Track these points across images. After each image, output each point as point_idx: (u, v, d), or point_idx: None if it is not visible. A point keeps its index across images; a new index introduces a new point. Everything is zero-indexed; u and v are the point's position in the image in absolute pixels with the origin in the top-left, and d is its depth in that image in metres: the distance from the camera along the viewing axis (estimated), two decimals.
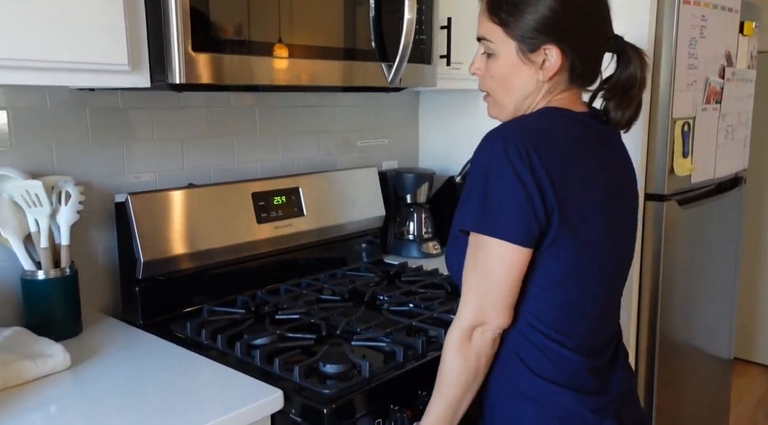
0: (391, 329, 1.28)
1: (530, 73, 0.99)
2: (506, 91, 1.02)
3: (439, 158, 2.15)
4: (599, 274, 1.00)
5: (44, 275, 1.23)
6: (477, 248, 0.93)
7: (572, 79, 1.00)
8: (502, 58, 1.00)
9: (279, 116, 1.75)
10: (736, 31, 2.00)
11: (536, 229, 0.91)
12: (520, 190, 0.89)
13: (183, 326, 1.31)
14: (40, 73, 1.00)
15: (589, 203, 0.95)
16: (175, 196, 1.41)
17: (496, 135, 0.93)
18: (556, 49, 0.96)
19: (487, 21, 1.01)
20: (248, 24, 1.19)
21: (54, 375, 1.10)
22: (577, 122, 1.00)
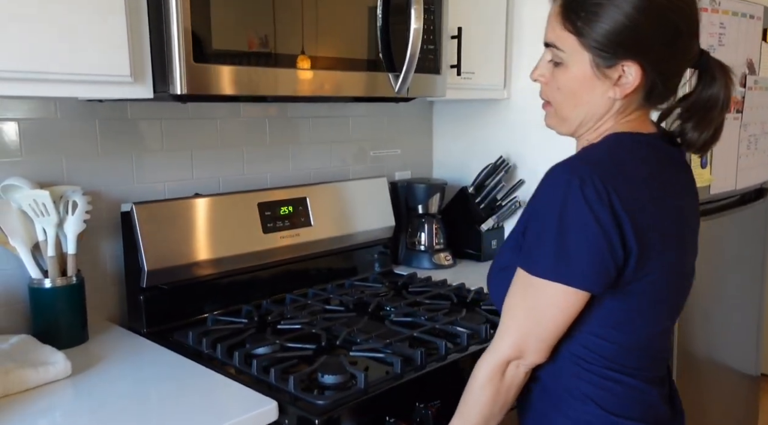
0: (392, 340, 1.26)
1: (603, 90, 0.91)
2: (573, 106, 0.94)
3: (453, 169, 2.13)
4: (669, 308, 0.96)
5: (51, 284, 1.25)
6: (530, 287, 0.89)
7: (647, 98, 0.92)
8: (572, 70, 0.92)
9: (290, 126, 1.76)
10: (758, 38, 1.94)
11: (613, 274, 0.86)
12: (601, 235, 0.83)
13: (186, 335, 1.31)
14: (44, 85, 1.02)
15: (666, 237, 0.90)
16: (180, 205, 1.42)
17: (569, 171, 0.86)
18: (636, 66, 0.87)
19: (560, 27, 0.91)
20: (250, 36, 1.19)
21: (55, 382, 1.11)
22: (648, 146, 0.93)
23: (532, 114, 1.92)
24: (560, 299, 0.87)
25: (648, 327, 0.93)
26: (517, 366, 0.92)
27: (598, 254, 0.84)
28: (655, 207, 0.88)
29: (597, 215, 0.83)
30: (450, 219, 2.02)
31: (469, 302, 1.55)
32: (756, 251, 2.20)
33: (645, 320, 0.92)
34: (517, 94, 1.95)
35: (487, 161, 2.00)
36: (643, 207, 0.86)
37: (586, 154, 0.92)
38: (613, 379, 0.92)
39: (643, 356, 0.94)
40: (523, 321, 0.90)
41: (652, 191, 0.89)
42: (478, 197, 1.99)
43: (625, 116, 0.93)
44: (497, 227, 2.01)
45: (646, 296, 0.90)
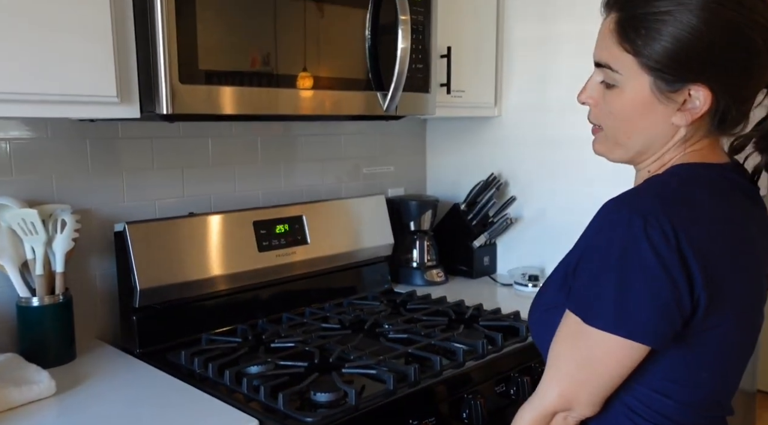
0: (385, 356, 1.26)
1: (665, 115, 0.80)
2: (628, 132, 0.84)
3: (447, 186, 2.14)
4: (737, 361, 0.86)
5: (39, 302, 1.25)
6: (582, 334, 0.79)
7: (718, 125, 0.81)
8: (628, 94, 0.81)
9: (282, 144, 1.77)
10: None
11: (678, 327, 0.76)
12: (667, 284, 0.73)
13: (178, 355, 1.31)
14: (31, 106, 1.04)
15: (740, 285, 0.80)
16: (174, 224, 1.42)
17: (630, 208, 0.76)
18: (706, 90, 0.77)
19: (615, 46, 0.81)
20: (236, 56, 1.21)
21: (40, 401, 1.11)
22: (721, 178, 0.83)
23: (523, 131, 1.93)
24: (618, 352, 0.77)
25: (712, 383, 0.83)
26: (564, 418, 0.83)
27: (663, 305, 0.74)
28: (729, 250, 0.78)
29: (663, 260, 0.73)
30: (442, 236, 2.02)
31: (468, 319, 1.54)
32: None
33: (710, 375, 0.82)
34: (507, 111, 1.97)
35: (479, 177, 2.01)
36: (716, 250, 0.76)
37: (650, 187, 0.81)
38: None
39: (705, 415, 0.84)
40: (574, 371, 0.81)
41: (726, 231, 0.79)
42: (470, 213, 1.99)
43: (692, 144, 0.83)
44: (489, 243, 2.01)
45: (713, 349, 0.80)
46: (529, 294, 1.80)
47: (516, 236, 2.00)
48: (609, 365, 0.78)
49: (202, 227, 1.46)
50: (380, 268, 1.86)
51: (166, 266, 1.39)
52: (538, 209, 1.93)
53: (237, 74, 1.20)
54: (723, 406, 0.87)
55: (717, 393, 0.85)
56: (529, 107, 1.92)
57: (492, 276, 2.02)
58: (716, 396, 0.85)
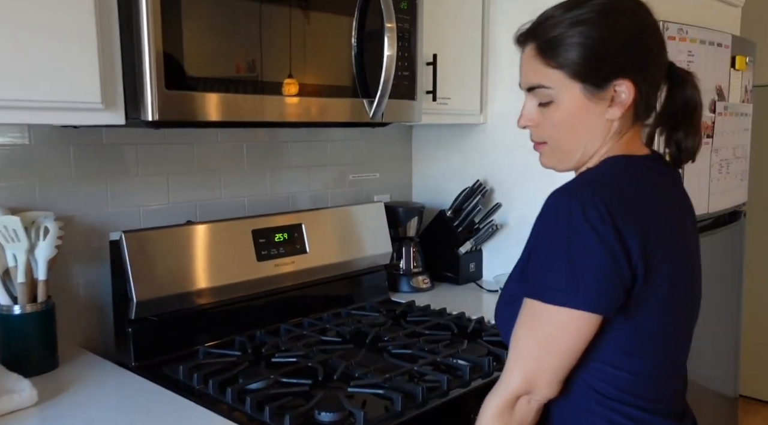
0: (391, 374, 1.23)
1: (599, 114, 0.91)
2: (572, 138, 0.94)
3: (433, 192, 2.15)
4: (682, 330, 0.94)
5: (20, 310, 1.24)
6: (538, 314, 0.87)
7: (638, 114, 0.93)
8: (565, 103, 0.92)
9: (268, 151, 1.77)
10: (727, 65, 1.99)
11: (622, 296, 0.85)
12: (607, 256, 0.82)
13: (176, 369, 1.28)
14: (13, 112, 1.03)
15: (671, 257, 0.89)
16: (171, 233, 1.39)
17: (569, 196, 0.86)
18: (627, 82, 0.89)
19: (542, 66, 0.92)
20: (225, 63, 1.21)
21: (21, 411, 1.09)
22: (646, 167, 0.94)
23: (508, 138, 1.95)
24: (571, 325, 0.85)
25: (661, 353, 0.91)
26: (528, 402, 0.89)
27: (606, 275, 0.83)
28: (657, 227, 0.88)
29: (602, 237, 0.82)
30: (428, 242, 2.03)
31: (471, 333, 1.52)
32: (731, 274, 2.22)
33: (657, 345, 0.90)
34: (493, 118, 1.98)
35: (465, 184, 2.02)
36: (646, 227, 0.86)
37: (585, 177, 0.92)
38: (628, 415, 0.89)
39: (657, 386, 0.91)
40: (535, 351, 0.87)
41: (654, 211, 0.89)
42: (456, 220, 2.00)
43: (620, 138, 0.93)
44: (475, 250, 2.02)
45: (654, 321, 0.89)
46: None
47: (501, 243, 2.01)
48: (565, 340, 0.86)
49: (200, 235, 1.44)
50: (378, 277, 1.85)
51: (163, 277, 1.35)
52: (524, 216, 1.94)
53: (223, 81, 1.20)
54: (673, 378, 0.95)
55: (664, 365, 0.93)
56: (514, 114, 1.90)
57: (478, 282, 2.02)
58: (664, 367, 0.93)
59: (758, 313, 3.18)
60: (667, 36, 1.69)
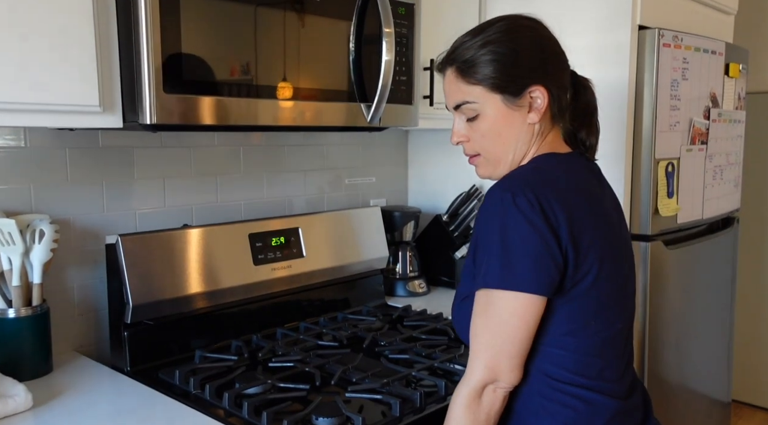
0: (389, 379, 1.23)
1: (521, 119, 1.00)
2: (501, 145, 1.02)
3: (428, 197, 2.15)
4: (620, 309, 1.00)
5: (15, 314, 1.23)
6: (488, 303, 0.93)
7: (555, 115, 1.03)
8: (489, 114, 1.01)
9: (264, 154, 1.77)
10: (721, 73, 2.01)
11: (556, 276, 0.91)
12: (537, 239, 0.90)
13: (172, 373, 1.27)
14: (11, 115, 1.02)
15: (600, 241, 0.96)
16: (168, 237, 1.39)
17: (501, 189, 0.94)
18: (540, 88, 0.99)
19: (463, 85, 1.01)
20: (225, 67, 1.21)
21: (16, 415, 1.08)
22: (570, 162, 1.03)
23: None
24: (517, 307, 0.91)
25: (601, 330, 0.97)
26: (494, 390, 0.93)
27: (539, 257, 0.90)
28: (584, 213, 0.95)
29: (531, 221, 0.90)
30: (424, 247, 2.03)
31: None
32: (724, 280, 2.24)
33: (597, 322, 0.96)
34: None
35: (461, 189, 2.02)
36: (574, 213, 0.93)
37: (516, 172, 1.01)
38: (576, 395, 0.95)
39: (601, 363, 0.97)
40: (490, 339, 0.93)
41: (581, 199, 0.97)
42: (452, 224, 2.00)
43: (544, 138, 1.03)
44: None
45: (593, 299, 0.95)
46: None
47: None
48: (516, 324, 0.91)
49: (197, 239, 1.43)
50: (375, 281, 1.85)
51: (159, 281, 1.34)
52: None
53: (221, 84, 1.20)
54: (616, 354, 1.00)
55: (606, 342, 0.98)
56: None
57: None
58: (607, 344, 0.98)
59: (751, 319, 3.20)
60: (663, 43, 1.70)
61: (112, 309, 1.38)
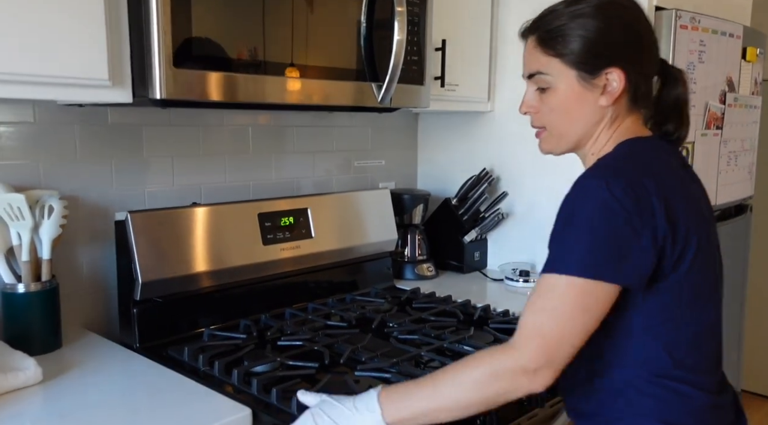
0: (398, 359, 1.22)
1: (593, 99, 0.98)
2: (568, 122, 1.01)
3: (437, 180, 2.14)
4: (715, 297, 0.98)
5: (24, 289, 1.23)
6: (556, 287, 0.88)
7: (633, 101, 0.99)
8: (561, 89, 0.99)
9: (273, 135, 1.76)
10: (738, 56, 1.97)
11: (647, 265, 0.88)
12: (629, 228, 0.86)
13: (180, 350, 1.27)
14: (20, 87, 1.01)
15: (695, 224, 0.93)
16: (177, 215, 1.38)
17: (592, 177, 0.90)
18: (618, 71, 0.96)
19: (542, 55, 0.99)
20: (235, 43, 1.19)
21: (25, 389, 1.09)
22: (656, 146, 1.00)
23: (515, 127, 1.93)
24: (594, 297, 0.87)
25: (696, 320, 0.94)
26: (530, 382, 0.88)
27: (628, 246, 0.86)
28: (680, 198, 0.92)
29: (625, 209, 0.86)
30: (433, 230, 2.02)
31: (477, 320, 1.51)
32: (736, 267, 2.21)
33: (693, 311, 0.93)
34: (501, 107, 1.97)
35: (471, 172, 2.00)
36: (670, 198, 0.90)
37: (605, 162, 0.96)
38: (673, 389, 0.92)
39: (695, 354, 0.94)
40: (549, 323, 0.87)
41: (676, 183, 0.93)
42: (462, 208, 1.99)
43: (620, 123, 1.00)
44: (480, 238, 2.01)
45: (689, 287, 0.92)
46: (519, 290, 1.80)
47: (507, 232, 2.00)
48: (591, 308, 0.87)
49: (206, 218, 1.42)
50: (383, 263, 1.84)
51: (168, 258, 1.34)
52: (530, 205, 1.93)
53: (231, 60, 1.19)
54: (710, 349, 0.98)
55: (702, 332, 0.96)
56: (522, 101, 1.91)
57: (482, 271, 2.01)
58: (701, 336, 0.95)
59: (762, 308, 3.17)
60: (680, 25, 1.67)
61: (121, 286, 1.38)
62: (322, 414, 0.95)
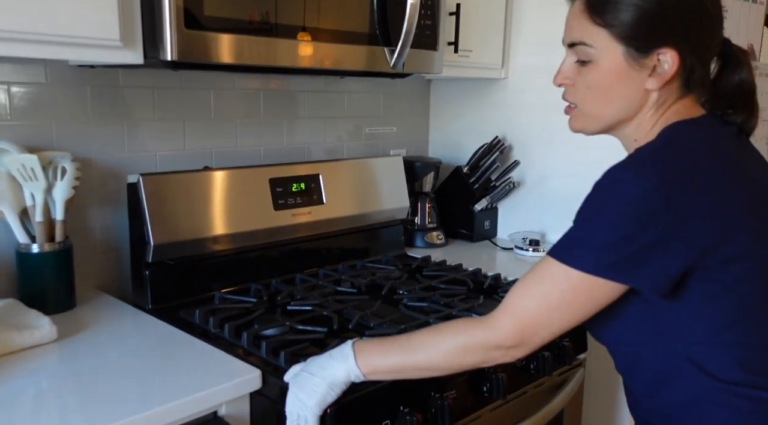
0: (406, 325, 1.23)
1: (639, 81, 0.87)
2: (606, 102, 0.91)
3: (449, 148, 2.12)
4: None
5: (38, 249, 1.25)
6: (554, 276, 0.84)
7: (686, 86, 0.88)
8: (604, 65, 0.88)
9: (285, 100, 1.75)
10: (761, 23, 1.93)
11: (670, 275, 0.81)
12: (660, 233, 0.78)
13: (192, 312, 1.28)
14: (30, 46, 1.00)
15: (752, 215, 0.84)
16: (189, 178, 1.38)
17: (622, 169, 0.82)
18: (673, 52, 0.85)
19: (588, 23, 0.88)
20: (244, 4, 1.18)
21: (40, 346, 1.11)
22: (707, 127, 0.89)
23: (529, 95, 1.91)
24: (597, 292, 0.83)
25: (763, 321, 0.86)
26: (503, 356, 0.89)
27: (653, 252, 0.79)
28: (730, 193, 0.83)
29: (655, 212, 0.78)
30: (443, 198, 2.01)
31: (487, 289, 1.51)
32: None
33: (764, 313, 0.85)
34: (515, 74, 1.94)
35: (483, 141, 1.99)
36: (716, 193, 0.81)
37: (643, 151, 0.87)
38: (747, 396, 0.84)
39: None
40: (540, 309, 0.85)
41: (727, 176, 0.84)
42: (473, 177, 1.98)
43: (668, 107, 0.90)
44: (490, 207, 2.01)
45: (752, 284, 0.83)
46: (529, 259, 1.80)
47: (517, 201, 1.99)
48: (583, 304, 0.84)
49: (218, 182, 1.42)
50: (395, 231, 1.84)
51: (180, 221, 1.35)
52: (541, 175, 1.92)
53: (242, 22, 1.17)
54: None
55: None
56: (536, 70, 1.89)
57: (492, 240, 2.01)
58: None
59: None
60: None
61: (133, 248, 1.39)
62: (302, 372, 0.98)
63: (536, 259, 1.75)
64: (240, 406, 1.04)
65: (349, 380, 0.95)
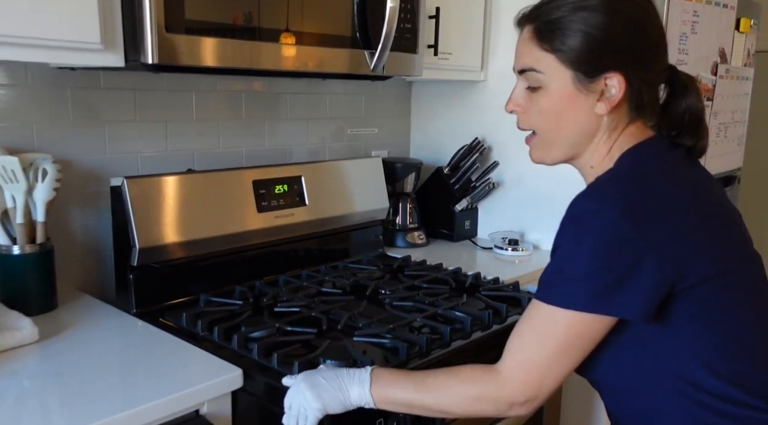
0: (394, 325, 1.24)
1: (588, 106, 0.89)
2: (558, 128, 0.92)
3: (430, 149, 2.15)
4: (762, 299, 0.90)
5: (19, 251, 1.25)
6: (544, 319, 0.85)
7: (636, 110, 0.91)
8: (554, 90, 0.90)
9: (267, 101, 1.76)
10: (731, 27, 1.98)
11: (653, 298, 0.81)
12: (623, 257, 0.79)
13: (178, 315, 1.28)
14: (10, 49, 1.01)
15: (716, 238, 0.86)
16: (173, 181, 1.38)
17: (587, 199, 0.84)
18: (619, 76, 0.87)
19: (537, 49, 0.90)
20: (229, 8, 1.19)
21: (22, 347, 1.11)
22: (660, 150, 0.91)
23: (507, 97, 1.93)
24: (587, 328, 0.83)
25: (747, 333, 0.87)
26: (516, 410, 0.88)
27: (644, 282, 0.80)
28: (690, 207, 0.85)
29: (626, 238, 0.79)
30: (425, 199, 2.04)
31: (468, 287, 1.53)
32: None
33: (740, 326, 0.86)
34: (494, 76, 1.97)
35: (463, 142, 2.02)
36: (679, 212, 0.83)
37: (603, 179, 0.89)
38: (730, 415, 0.84)
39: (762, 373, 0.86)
40: (542, 357, 0.85)
41: (684, 191, 0.86)
42: (453, 177, 2.01)
43: (621, 131, 0.92)
44: (471, 207, 2.04)
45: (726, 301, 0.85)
46: (508, 258, 1.83)
47: (497, 201, 2.02)
48: (578, 344, 0.84)
49: (202, 184, 1.43)
50: (374, 231, 1.86)
51: (165, 224, 1.35)
52: (519, 175, 1.95)
53: (223, 26, 1.19)
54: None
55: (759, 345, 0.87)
56: None
57: (472, 240, 2.04)
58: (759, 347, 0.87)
59: None
60: None
61: (117, 251, 1.39)
62: (317, 375, 0.97)
63: (515, 258, 1.79)
64: (222, 404, 1.06)
65: (359, 404, 0.95)
